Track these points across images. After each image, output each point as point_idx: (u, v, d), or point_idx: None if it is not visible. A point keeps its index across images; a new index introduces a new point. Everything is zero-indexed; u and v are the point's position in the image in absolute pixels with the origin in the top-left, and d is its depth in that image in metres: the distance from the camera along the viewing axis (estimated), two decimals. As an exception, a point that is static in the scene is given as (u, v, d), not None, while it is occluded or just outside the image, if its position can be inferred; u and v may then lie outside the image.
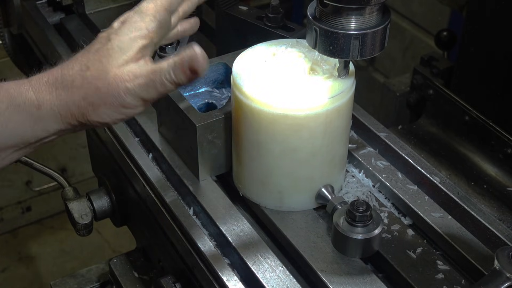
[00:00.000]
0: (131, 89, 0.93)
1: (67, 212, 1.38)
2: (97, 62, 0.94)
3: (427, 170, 1.20)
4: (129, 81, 0.93)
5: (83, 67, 0.94)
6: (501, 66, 1.51)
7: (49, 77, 0.95)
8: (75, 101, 0.94)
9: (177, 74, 0.93)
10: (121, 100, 0.94)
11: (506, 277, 0.91)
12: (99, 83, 0.93)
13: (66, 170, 3.16)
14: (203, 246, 1.09)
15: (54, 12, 1.71)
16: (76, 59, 0.96)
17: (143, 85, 0.93)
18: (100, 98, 0.94)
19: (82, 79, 0.94)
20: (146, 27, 0.96)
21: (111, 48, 0.95)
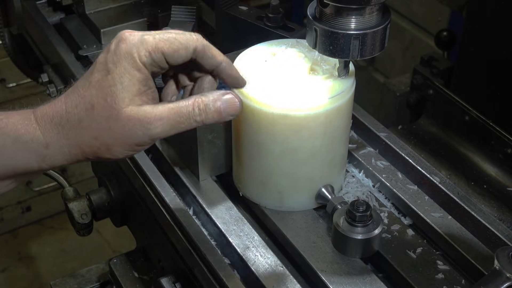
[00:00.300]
0: (152, 131, 0.92)
1: (67, 212, 1.38)
2: (102, 101, 0.92)
3: (427, 170, 1.20)
4: (150, 123, 0.92)
5: (88, 105, 0.92)
6: (501, 66, 1.51)
7: (53, 115, 0.93)
8: (85, 141, 0.93)
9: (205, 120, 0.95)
10: (138, 140, 0.93)
11: (506, 277, 0.91)
12: (111, 124, 0.92)
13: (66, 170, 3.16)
14: (203, 246, 1.09)
15: (54, 12, 1.71)
16: (77, 92, 0.94)
17: (168, 128, 0.93)
18: (114, 139, 0.93)
19: (90, 119, 0.92)
20: (140, 59, 0.93)
21: (113, 84, 0.92)
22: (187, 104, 0.94)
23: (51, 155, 0.94)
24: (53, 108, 0.94)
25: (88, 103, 0.92)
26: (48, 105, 0.95)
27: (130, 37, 0.93)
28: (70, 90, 0.95)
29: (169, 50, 0.93)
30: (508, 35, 1.46)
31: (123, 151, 0.94)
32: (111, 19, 1.59)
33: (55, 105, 0.94)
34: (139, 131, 0.92)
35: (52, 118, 0.93)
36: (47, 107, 0.94)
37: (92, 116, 0.92)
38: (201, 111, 0.94)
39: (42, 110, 0.94)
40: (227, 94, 0.95)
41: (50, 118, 0.93)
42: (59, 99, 0.95)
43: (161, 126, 0.93)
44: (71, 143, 0.93)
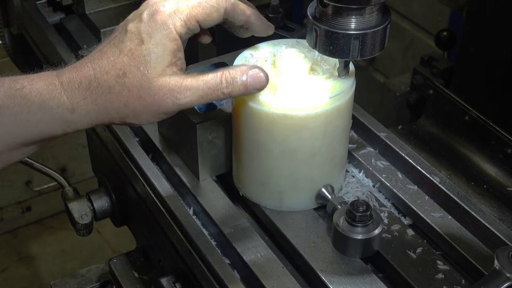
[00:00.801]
0: (181, 100, 0.95)
1: (67, 212, 1.38)
2: (135, 69, 0.93)
3: (427, 170, 1.20)
4: (180, 93, 0.95)
5: (120, 72, 0.94)
6: (501, 66, 1.51)
7: (81, 80, 0.94)
8: (115, 108, 0.95)
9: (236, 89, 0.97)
10: (166, 109, 0.96)
11: (506, 277, 0.91)
12: (142, 93, 0.94)
13: (66, 170, 3.16)
14: (203, 246, 1.08)
15: (54, 12, 1.71)
16: (107, 58, 0.95)
17: (196, 98, 0.96)
18: (143, 106, 0.95)
19: (121, 86, 0.93)
20: (176, 30, 0.95)
21: (147, 54, 0.94)
22: (216, 76, 0.96)
23: (77, 120, 0.95)
24: (79, 73, 0.94)
25: (120, 70, 0.93)
26: (73, 69, 0.95)
27: (164, 9, 0.95)
28: (97, 55, 0.96)
29: (203, 16, 0.96)
30: (508, 35, 1.46)
31: (150, 118, 0.97)
32: (111, 19, 1.59)
33: (82, 70, 0.94)
34: (169, 100, 0.95)
35: (80, 83, 0.94)
36: (73, 71, 0.95)
37: (124, 83, 0.93)
38: (228, 83, 0.96)
39: (68, 75, 0.94)
40: (254, 68, 0.98)
41: (77, 83, 0.94)
42: (85, 64, 0.95)
43: (190, 96, 0.95)
44: (99, 108, 0.94)
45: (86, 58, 0.96)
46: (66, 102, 0.93)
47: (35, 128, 0.94)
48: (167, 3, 0.96)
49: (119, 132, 1.31)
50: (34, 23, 1.66)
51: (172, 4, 0.95)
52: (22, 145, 0.96)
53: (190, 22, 0.95)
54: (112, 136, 1.33)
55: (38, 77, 0.94)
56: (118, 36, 0.96)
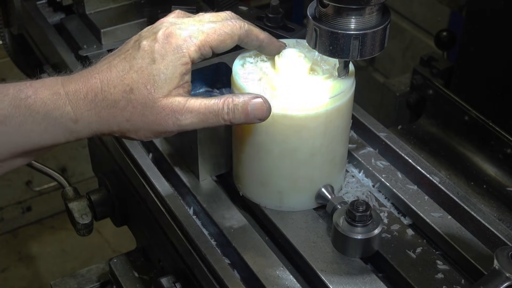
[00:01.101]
0: (182, 122, 0.96)
1: (67, 212, 1.38)
2: (142, 87, 0.94)
3: (427, 170, 1.20)
4: (181, 114, 0.96)
5: (127, 88, 0.94)
6: (500, 66, 1.51)
7: (87, 92, 0.94)
8: (117, 121, 0.96)
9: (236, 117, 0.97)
10: (166, 129, 0.97)
11: (506, 277, 0.91)
12: (146, 111, 0.95)
13: (66, 170, 3.16)
14: (203, 246, 1.09)
15: (54, 12, 1.71)
16: (115, 72, 0.95)
17: (196, 121, 0.96)
18: (145, 124, 0.96)
19: (126, 102, 0.94)
20: (189, 55, 0.96)
21: (156, 74, 0.94)
22: (218, 102, 0.97)
23: (79, 130, 0.96)
24: (86, 84, 0.95)
25: (128, 86, 0.94)
26: (80, 80, 0.95)
27: (179, 32, 0.96)
28: (105, 67, 0.96)
29: (217, 43, 0.98)
30: (508, 35, 1.46)
31: (148, 134, 0.98)
32: (111, 19, 1.59)
33: (89, 81, 0.95)
34: (170, 121, 0.96)
35: (85, 94, 0.94)
36: (80, 82, 0.95)
37: (129, 99, 0.94)
38: (229, 110, 0.97)
39: (75, 86, 0.95)
40: (257, 98, 0.98)
41: (83, 94, 0.94)
42: (92, 75, 0.95)
43: (190, 119, 0.96)
44: (102, 120, 0.95)
45: (94, 68, 0.97)
46: (70, 113, 0.94)
47: (38, 137, 0.95)
48: (184, 26, 0.97)
49: (119, 132, 1.31)
50: (34, 23, 1.66)
51: (188, 28, 0.97)
52: (25, 153, 0.97)
53: (204, 48, 0.97)
54: (112, 136, 1.33)
55: (43, 85, 0.95)
56: (130, 51, 0.96)
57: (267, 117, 0.99)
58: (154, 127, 0.96)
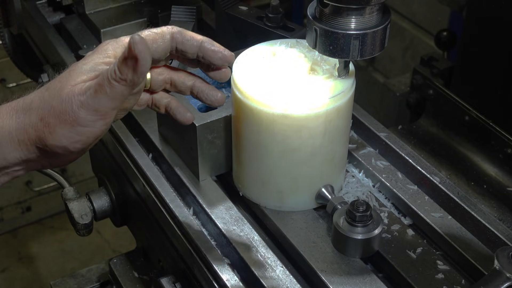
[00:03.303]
0: (84, 101, 0.90)
1: (67, 212, 1.38)
2: (57, 83, 0.93)
3: (427, 170, 1.20)
4: (81, 94, 0.91)
5: (43, 89, 0.94)
6: (501, 66, 1.51)
7: (11, 103, 0.94)
8: (32, 122, 0.92)
9: (120, 67, 0.89)
10: (75, 116, 0.91)
11: (506, 277, 0.91)
12: (54, 102, 0.91)
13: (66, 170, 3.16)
14: (203, 246, 1.09)
15: (54, 12, 1.71)
16: (43, 85, 0.96)
17: (93, 93, 0.90)
18: (54, 117, 0.91)
19: (39, 100, 0.93)
20: (115, 56, 0.94)
21: (73, 70, 0.94)
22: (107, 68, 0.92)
23: (1, 142, 0.93)
24: (14, 99, 0.96)
25: (45, 87, 0.94)
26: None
27: (108, 40, 0.97)
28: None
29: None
30: (508, 35, 1.46)
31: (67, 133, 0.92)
32: (111, 19, 1.59)
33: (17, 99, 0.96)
34: (74, 105, 0.90)
35: (9, 105, 0.94)
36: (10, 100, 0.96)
37: (43, 96, 0.93)
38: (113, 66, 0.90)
39: (5, 103, 0.96)
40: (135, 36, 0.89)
41: (7, 105, 0.94)
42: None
43: (88, 94, 0.90)
44: (19, 125, 0.93)
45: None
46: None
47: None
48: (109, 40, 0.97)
49: (119, 132, 1.31)
50: (34, 23, 1.66)
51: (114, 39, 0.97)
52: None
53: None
54: (112, 136, 1.33)
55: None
56: None
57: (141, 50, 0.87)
58: (64, 117, 0.91)
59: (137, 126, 1.33)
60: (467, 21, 1.59)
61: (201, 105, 1.27)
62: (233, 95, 1.11)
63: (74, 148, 0.93)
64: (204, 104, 1.27)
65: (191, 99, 1.26)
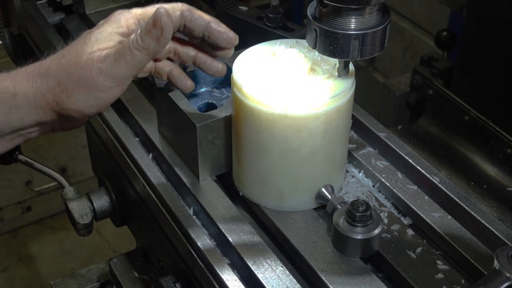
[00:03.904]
0: (103, 68, 0.95)
1: (67, 212, 1.38)
2: (73, 50, 0.97)
3: (427, 170, 1.20)
4: (101, 62, 0.95)
5: (60, 55, 0.98)
6: (500, 66, 1.51)
7: (27, 68, 0.98)
8: (49, 87, 0.96)
9: (143, 38, 0.94)
10: (94, 82, 0.95)
11: (506, 277, 0.91)
12: (72, 69, 0.96)
13: (66, 170, 3.16)
14: (203, 246, 1.09)
15: (54, 12, 1.71)
16: (58, 51, 1.00)
17: (113, 61, 0.95)
18: (72, 83, 0.95)
19: (57, 66, 0.96)
20: (127, 26, 0.99)
21: (88, 38, 0.98)
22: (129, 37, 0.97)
23: (19, 106, 0.96)
24: (29, 65, 1.00)
25: (61, 53, 0.98)
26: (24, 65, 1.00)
27: (120, 11, 1.01)
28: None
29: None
30: (508, 35, 1.46)
31: (84, 98, 0.96)
32: (111, 19, 1.59)
33: (33, 63, 1.00)
34: (93, 71, 0.95)
35: (26, 69, 0.98)
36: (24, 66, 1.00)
37: (60, 63, 0.97)
38: (135, 35, 0.95)
39: (19, 68, 0.99)
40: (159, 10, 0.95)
41: (24, 69, 0.99)
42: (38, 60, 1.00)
43: (108, 62, 0.95)
44: (36, 90, 0.97)
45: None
46: (10, 86, 0.97)
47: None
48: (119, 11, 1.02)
49: (119, 132, 1.31)
50: (34, 23, 1.66)
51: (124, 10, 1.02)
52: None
53: (143, 19, 0.99)
54: (112, 136, 1.33)
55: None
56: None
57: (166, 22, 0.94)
58: (83, 83, 0.95)
59: (137, 126, 1.33)
60: (467, 21, 1.59)
61: (201, 105, 1.27)
62: (233, 95, 1.11)
63: (89, 112, 0.99)
64: (204, 104, 1.27)
65: (191, 99, 1.26)
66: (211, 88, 1.31)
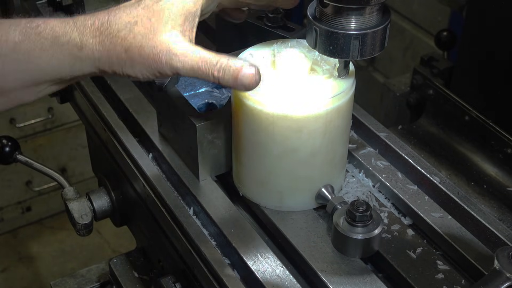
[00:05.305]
0: (174, 62, 0.96)
1: (67, 212, 1.38)
2: (146, 20, 0.96)
3: (427, 170, 1.20)
4: (176, 55, 0.96)
5: (132, 20, 0.97)
6: (501, 66, 1.51)
7: (94, 21, 0.97)
8: (116, 51, 0.96)
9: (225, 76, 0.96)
10: (160, 66, 0.96)
11: (506, 277, 0.91)
12: (144, 42, 0.96)
13: (66, 170, 3.16)
14: (203, 246, 1.09)
15: (54, 12, 1.71)
16: (124, 9, 0.98)
17: (188, 67, 0.96)
18: (141, 56, 0.96)
19: (128, 32, 0.96)
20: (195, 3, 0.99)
21: (161, 9, 0.97)
22: (213, 57, 0.97)
23: (83, 58, 0.97)
24: (94, 16, 0.98)
25: (133, 18, 0.97)
26: (89, 15, 0.99)
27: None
28: (114, 7, 0.99)
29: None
30: (508, 35, 1.46)
31: (144, 71, 0.98)
32: (111, 19, 1.59)
33: (97, 14, 0.98)
34: (163, 58, 0.96)
35: (92, 23, 0.97)
36: (88, 15, 0.98)
37: (132, 29, 0.96)
38: (221, 68, 0.96)
39: (83, 17, 0.98)
40: (251, 67, 0.97)
41: (90, 23, 0.97)
42: (102, 11, 0.99)
43: (182, 62, 0.96)
44: (103, 49, 0.97)
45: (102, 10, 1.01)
46: (76, 38, 0.96)
47: (46, 66, 0.97)
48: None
49: (119, 132, 1.31)
50: (34, 23, 1.66)
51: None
52: (33, 83, 0.99)
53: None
54: (112, 136, 1.33)
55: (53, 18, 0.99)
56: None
57: (253, 88, 0.98)
58: (149, 61, 0.96)
59: (137, 126, 1.33)
60: (467, 21, 1.59)
61: (201, 105, 1.27)
62: (233, 95, 1.11)
63: (144, 79, 1.00)
64: (204, 104, 1.28)
65: (190, 99, 1.26)
66: (211, 88, 1.31)
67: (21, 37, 0.96)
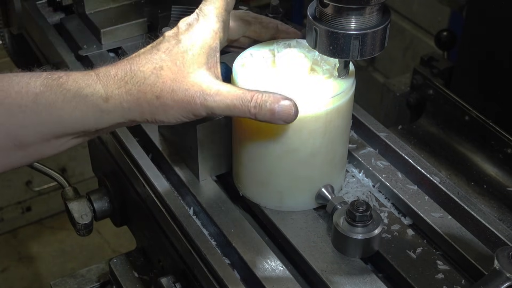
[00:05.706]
0: (209, 103, 0.95)
1: (67, 212, 1.38)
2: (171, 64, 0.95)
3: (427, 170, 1.20)
4: (210, 95, 0.95)
5: (157, 65, 0.95)
6: (501, 66, 1.51)
7: (117, 71, 0.95)
8: (147, 99, 0.95)
9: (262, 113, 0.96)
10: (195, 108, 0.95)
11: (506, 277, 0.91)
12: (175, 86, 0.94)
13: (66, 170, 3.16)
14: (203, 246, 1.09)
15: (54, 12, 1.71)
16: (144, 56, 0.96)
17: (223, 106, 0.95)
18: (174, 101, 0.95)
19: (156, 78, 0.94)
20: (212, 29, 0.98)
21: (183, 51, 0.96)
22: (247, 93, 0.96)
23: (110, 110, 0.95)
24: (116, 66, 0.96)
25: (157, 63, 0.95)
26: (110, 65, 0.97)
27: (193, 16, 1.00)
28: (134, 55, 0.97)
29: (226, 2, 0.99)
30: (508, 35, 1.46)
31: (178, 115, 0.97)
32: (111, 19, 1.59)
33: (119, 64, 0.96)
34: (198, 100, 0.95)
35: (115, 73, 0.95)
36: (110, 66, 0.96)
37: (159, 75, 0.94)
38: (257, 104, 0.96)
39: (105, 69, 0.96)
40: (286, 100, 0.97)
41: (113, 74, 0.95)
42: (121, 61, 0.97)
43: (218, 102, 0.95)
44: (132, 99, 0.95)
45: (121, 58, 0.98)
46: (101, 90, 0.94)
47: (68, 117, 0.94)
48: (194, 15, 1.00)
49: (119, 132, 1.31)
50: (34, 23, 1.66)
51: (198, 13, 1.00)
52: (54, 136, 0.96)
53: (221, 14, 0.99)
54: (112, 136, 1.33)
55: (75, 71, 0.97)
56: (155, 42, 0.98)
57: (292, 121, 0.98)
58: (183, 104, 0.95)
59: (137, 126, 1.33)
60: (467, 21, 1.59)
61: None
62: (233, 95, 1.11)
63: (177, 123, 0.99)
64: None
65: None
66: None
67: (43, 88, 0.93)
